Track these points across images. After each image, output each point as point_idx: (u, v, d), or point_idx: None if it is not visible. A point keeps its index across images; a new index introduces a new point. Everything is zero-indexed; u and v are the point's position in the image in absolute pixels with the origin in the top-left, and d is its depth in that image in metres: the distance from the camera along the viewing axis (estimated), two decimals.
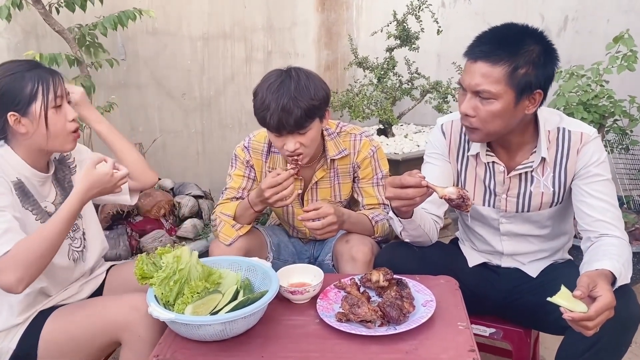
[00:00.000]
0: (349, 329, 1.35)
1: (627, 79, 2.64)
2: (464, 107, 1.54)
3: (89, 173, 1.51)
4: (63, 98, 1.56)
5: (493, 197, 1.71)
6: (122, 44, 3.00)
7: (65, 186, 1.71)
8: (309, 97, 1.71)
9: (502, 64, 1.46)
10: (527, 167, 1.63)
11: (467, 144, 1.74)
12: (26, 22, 2.72)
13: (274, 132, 1.75)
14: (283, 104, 1.68)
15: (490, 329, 1.76)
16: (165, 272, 1.39)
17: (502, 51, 1.47)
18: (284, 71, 1.77)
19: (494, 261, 1.82)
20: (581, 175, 1.60)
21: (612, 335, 1.41)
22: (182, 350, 1.33)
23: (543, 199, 1.66)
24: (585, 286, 1.29)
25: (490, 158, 1.68)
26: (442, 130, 1.78)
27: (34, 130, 1.52)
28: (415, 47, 3.17)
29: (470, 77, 1.50)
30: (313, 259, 2.14)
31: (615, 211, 1.57)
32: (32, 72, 1.51)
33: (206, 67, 3.35)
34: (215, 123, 3.47)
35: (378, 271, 1.54)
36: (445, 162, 1.77)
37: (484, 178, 1.71)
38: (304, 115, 1.71)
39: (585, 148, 1.59)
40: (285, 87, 1.70)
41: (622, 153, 2.76)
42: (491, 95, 1.48)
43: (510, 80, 1.47)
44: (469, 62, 1.52)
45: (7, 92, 1.49)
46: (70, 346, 1.52)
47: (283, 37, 3.58)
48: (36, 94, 1.50)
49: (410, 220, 1.61)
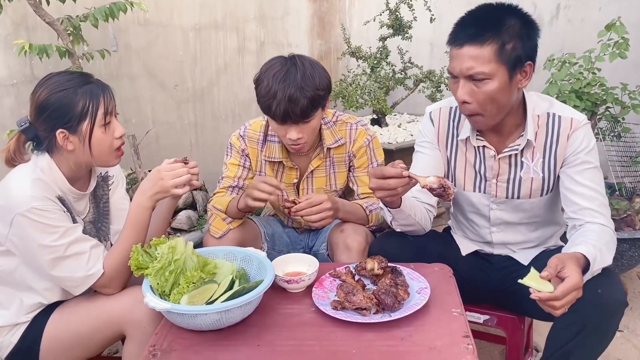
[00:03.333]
0: (344, 317, 1.36)
1: (619, 67, 2.65)
2: (460, 93, 1.53)
3: (146, 178, 1.57)
4: (112, 114, 1.53)
5: (484, 182, 1.72)
6: (114, 36, 2.98)
7: (100, 205, 1.70)
8: (314, 86, 1.71)
9: (489, 43, 1.47)
10: (514, 149, 1.64)
11: (455, 130, 1.74)
12: (16, 13, 2.69)
13: (279, 121, 1.74)
14: (290, 93, 1.67)
15: (485, 315, 1.77)
16: (160, 263, 1.40)
17: (487, 31, 1.48)
18: (288, 59, 1.75)
19: (485, 249, 1.83)
20: (570, 163, 1.61)
21: (598, 321, 1.42)
22: (178, 340, 1.34)
23: (533, 185, 1.66)
24: (553, 267, 1.30)
25: (481, 142, 1.68)
26: (430, 118, 1.79)
27: (81, 148, 1.49)
28: (408, 36, 3.16)
29: (460, 62, 1.50)
30: (308, 248, 2.14)
31: (601, 199, 1.58)
32: (84, 88, 1.47)
33: (198, 58, 3.33)
34: (208, 114, 3.45)
35: (373, 259, 1.55)
36: (435, 150, 1.78)
37: (474, 163, 1.72)
38: (310, 105, 1.70)
39: (575, 134, 1.59)
40: (291, 77, 1.69)
41: (614, 140, 2.77)
42: (485, 75, 1.48)
43: (500, 57, 1.48)
44: (455, 48, 1.53)
45: (58, 108, 1.46)
46: (73, 340, 1.53)
47: (275, 27, 3.56)
48: (87, 113, 1.47)
49: (399, 210, 1.61)
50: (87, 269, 1.48)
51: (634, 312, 2.53)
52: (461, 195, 1.78)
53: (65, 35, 2.52)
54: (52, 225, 1.43)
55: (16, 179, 1.46)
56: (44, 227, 1.42)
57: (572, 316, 1.43)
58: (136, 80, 3.17)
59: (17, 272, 1.52)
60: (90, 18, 2.52)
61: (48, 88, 1.47)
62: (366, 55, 3.23)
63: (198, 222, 2.73)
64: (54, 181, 1.50)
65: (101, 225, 1.69)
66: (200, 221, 2.74)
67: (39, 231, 1.41)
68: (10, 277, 1.54)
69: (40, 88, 1.48)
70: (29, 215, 1.40)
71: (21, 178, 1.45)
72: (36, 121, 1.49)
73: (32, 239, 1.42)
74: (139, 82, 3.18)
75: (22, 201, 1.40)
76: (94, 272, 1.49)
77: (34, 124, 1.50)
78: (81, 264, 1.47)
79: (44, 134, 1.49)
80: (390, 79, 3.22)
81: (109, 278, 1.51)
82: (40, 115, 1.47)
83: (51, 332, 1.53)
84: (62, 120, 1.46)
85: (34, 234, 1.41)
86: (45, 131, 1.49)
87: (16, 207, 1.40)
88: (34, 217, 1.40)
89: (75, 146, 1.49)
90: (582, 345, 1.46)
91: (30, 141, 1.54)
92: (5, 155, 1.53)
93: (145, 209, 1.56)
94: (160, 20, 3.16)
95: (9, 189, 1.43)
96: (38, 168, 1.48)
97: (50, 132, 1.47)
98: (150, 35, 3.15)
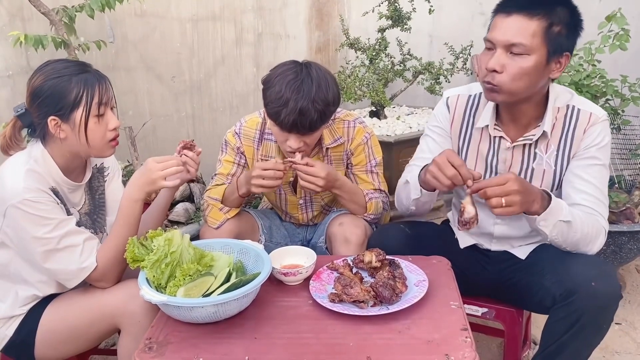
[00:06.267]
0: (341, 310, 1.36)
1: (619, 59, 2.63)
2: (492, 62, 1.48)
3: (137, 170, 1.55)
4: (107, 105, 1.50)
5: (494, 175, 1.69)
6: (111, 27, 2.95)
7: (96, 197, 1.69)
8: (327, 101, 1.68)
9: (538, 17, 1.45)
10: (528, 139, 1.61)
11: (472, 118, 1.71)
12: (11, 4, 2.66)
13: (285, 130, 1.71)
14: (302, 106, 1.64)
15: (483, 308, 1.76)
16: (156, 255, 1.39)
17: (538, 6, 1.45)
18: (303, 66, 1.71)
19: (484, 244, 1.81)
20: (579, 156, 1.58)
21: (593, 314, 1.42)
22: (174, 333, 1.33)
23: (544, 178, 1.63)
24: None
25: (498, 132, 1.65)
26: (447, 104, 1.76)
27: (73, 137, 1.48)
28: (407, 28, 3.14)
29: (504, 31, 1.47)
30: (306, 241, 2.14)
31: (601, 198, 1.56)
32: (79, 77, 1.45)
33: (196, 50, 3.30)
34: (206, 106, 3.43)
35: (370, 252, 1.54)
36: (446, 137, 1.75)
37: (486, 154, 1.69)
38: (319, 119, 1.68)
39: (592, 129, 1.57)
40: (306, 88, 1.65)
41: (613, 133, 2.76)
42: (525, 49, 1.45)
43: (546, 35, 1.45)
44: (500, 16, 1.49)
45: (51, 95, 1.44)
46: (68, 333, 1.52)
47: (273, 18, 3.53)
48: (80, 102, 1.45)
49: (431, 194, 1.63)
50: (80, 262, 1.47)
51: (632, 304, 2.53)
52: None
53: (61, 26, 2.50)
54: (45, 217, 1.42)
55: (9, 170, 1.44)
56: (37, 218, 1.41)
57: (567, 309, 1.43)
58: (133, 72, 3.15)
59: (11, 264, 1.51)
60: (86, 8, 2.50)
61: (44, 74, 1.46)
62: (365, 46, 3.20)
63: (195, 214, 2.72)
64: (48, 172, 1.48)
65: (97, 217, 1.67)
66: (197, 214, 2.72)
67: (31, 223, 1.40)
68: (5, 269, 1.53)
69: (37, 74, 1.47)
70: (21, 207, 1.39)
71: (14, 169, 1.44)
72: (31, 107, 1.48)
73: (25, 230, 1.41)
74: (136, 73, 3.16)
75: (15, 192, 1.39)
76: (87, 265, 1.48)
77: (29, 110, 1.49)
78: (74, 256, 1.46)
79: (37, 120, 1.48)
80: (389, 71, 3.20)
81: (103, 271, 1.50)
82: (35, 101, 1.46)
83: (46, 325, 1.52)
84: (54, 107, 1.45)
85: (26, 225, 1.40)
86: (38, 117, 1.47)
87: (9, 199, 1.39)
88: (27, 208, 1.39)
89: (67, 134, 1.47)
90: (577, 338, 1.45)
91: (27, 128, 1.52)
92: (1, 141, 1.52)
93: (135, 202, 1.54)
94: (157, 11, 3.13)
95: (2, 180, 1.42)
96: (32, 159, 1.47)
97: (43, 118, 1.46)
98: (147, 26, 3.13)
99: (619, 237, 2.27)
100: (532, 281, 1.59)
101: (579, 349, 1.49)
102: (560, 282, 1.47)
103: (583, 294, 1.40)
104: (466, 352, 1.22)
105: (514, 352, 1.77)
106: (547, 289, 1.52)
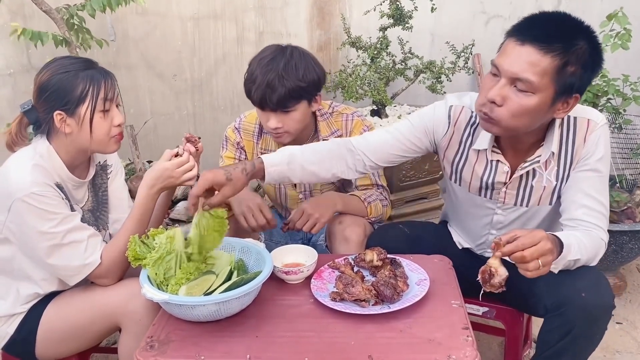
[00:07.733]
0: (343, 308, 1.36)
1: (620, 58, 2.62)
2: (493, 93, 1.36)
3: (152, 168, 1.54)
4: (112, 101, 1.52)
5: (490, 191, 1.63)
6: (112, 25, 2.95)
7: (99, 194, 1.69)
8: (296, 77, 1.70)
9: (553, 55, 1.31)
10: (534, 162, 1.52)
11: (470, 137, 1.60)
12: (12, 2, 2.66)
13: (257, 106, 1.76)
14: (269, 80, 1.67)
15: (484, 307, 1.76)
16: (158, 253, 1.39)
17: (556, 41, 1.31)
18: (280, 47, 1.75)
19: (477, 251, 1.80)
20: (580, 167, 1.49)
21: (583, 325, 1.39)
22: (176, 331, 1.33)
23: (543, 193, 1.56)
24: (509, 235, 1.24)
25: (496, 156, 1.56)
26: (449, 115, 1.62)
27: (78, 132, 1.48)
28: (409, 27, 3.13)
29: (513, 61, 1.34)
30: (306, 240, 2.14)
31: (604, 211, 1.48)
32: (85, 72, 1.47)
33: (197, 48, 3.30)
34: (207, 105, 3.43)
35: (372, 251, 1.54)
36: (424, 139, 1.64)
37: (482, 174, 1.61)
38: (288, 95, 1.69)
39: (592, 136, 1.47)
40: (274, 63, 1.69)
41: (615, 132, 2.76)
42: (531, 87, 1.32)
43: (557, 75, 1.32)
44: (513, 42, 1.35)
45: (58, 89, 1.46)
46: (69, 331, 1.52)
47: (275, 17, 3.52)
48: (85, 96, 1.46)
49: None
50: (84, 258, 1.47)
51: (633, 304, 2.53)
52: (465, 194, 1.69)
53: (63, 24, 2.50)
54: (51, 212, 1.42)
55: (15, 165, 1.45)
56: (43, 212, 1.41)
57: (559, 319, 1.41)
58: (134, 70, 3.15)
59: (14, 260, 1.51)
60: (87, 8, 2.50)
61: (51, 70, 1.48)
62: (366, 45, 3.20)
63: None
64: (53, 168, 1.49)
65: (100, 214, 1.68)
66: None
67: (37, 217, 1.40)
68: (8, 265, 1.53)
69: (44, 70, 1.49)
70: (28, 201, 1.39)
71: (21, 164, 1.44)
72: (37, 102, 1.49)
73: (30, 225, 1.41)
74: (137, 72, 3.16)
75: (22, 186, 1.39)
76: (90, 261, 1.48)
77: (36, 106, 1.50)
78: (78, 252, 1.46)
79: (43, 115, 1.49)
80: (390, 70, 3.19)
81: (107, 269, 1.50)
82: (41, 95, 1.47)
83: (47, 323, 1.52)
84: (60, 101, 1.46)
85: (32, 220, 1.40)
86: (44, 112, 1.48)
87: (15, 193, 1.39)
88: (33, 202, 1.39)
89: (72, 129, 1.48)
90: (569, 348, 1.43)
91: (33, 125, 1.53)
92: (7, 138, 1.53)
93: (153, 202, 1.56)
94: (159, 9, 3.13)
95: (8, 174, 1.42)
96: (37, 154, 1.47)
97: (49, 113, 1.47)
98: (149, 24, 3.13)
99: (620, 237, 2.27)
100: (525, 287, 1.53)
101: (574, 356, 1.46)
102: (550, 292, 1.43)
103: (573, 306, 1.36)
104: (467, 351, 1.22)
105: (514, 351, 1.78)
106: (539, 297, 1.48)
